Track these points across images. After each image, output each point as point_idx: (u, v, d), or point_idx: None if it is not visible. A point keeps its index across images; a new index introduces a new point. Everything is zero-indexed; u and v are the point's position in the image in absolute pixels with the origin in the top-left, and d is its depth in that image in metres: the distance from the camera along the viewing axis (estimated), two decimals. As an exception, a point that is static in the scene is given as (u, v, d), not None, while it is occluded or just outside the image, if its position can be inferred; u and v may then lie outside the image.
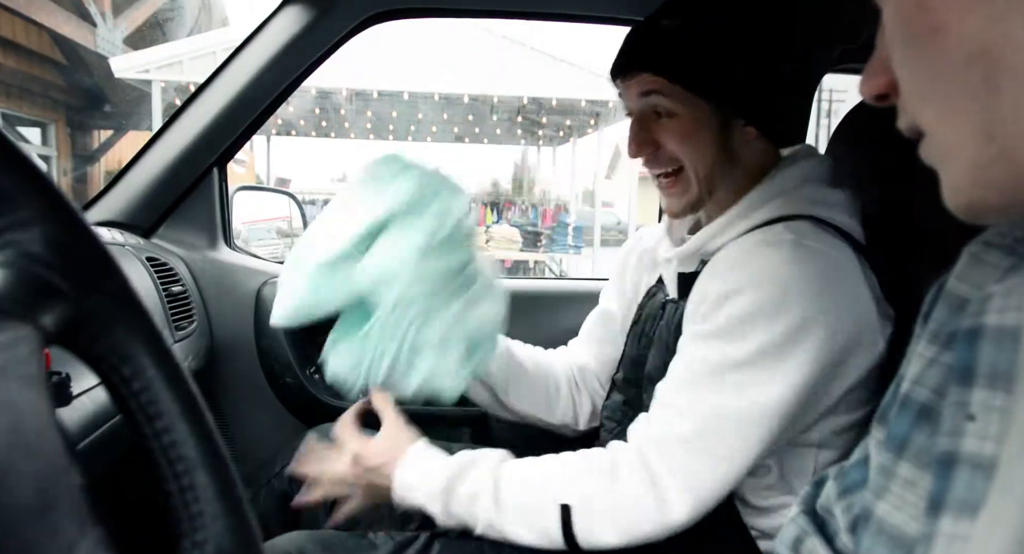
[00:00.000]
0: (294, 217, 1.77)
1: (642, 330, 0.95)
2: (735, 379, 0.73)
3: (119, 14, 9.52)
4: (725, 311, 0.75)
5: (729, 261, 0.78)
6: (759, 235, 0.78)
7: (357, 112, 11.13)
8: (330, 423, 1.19)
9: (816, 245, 0.76)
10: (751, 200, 0.82)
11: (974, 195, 0.30)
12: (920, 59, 0.31)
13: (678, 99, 0.80)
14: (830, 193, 0.83)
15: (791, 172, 0.83)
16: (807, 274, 0.73)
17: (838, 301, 0.74)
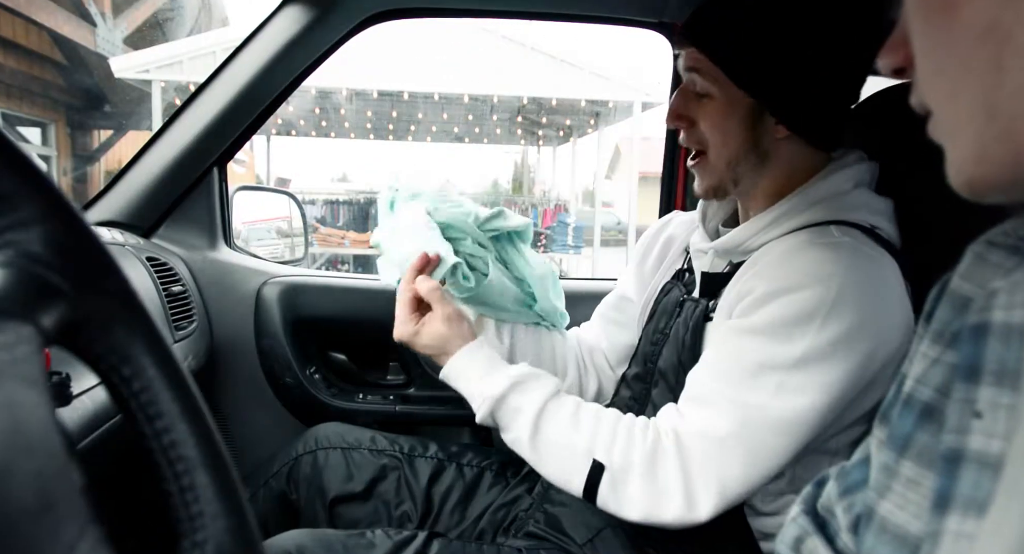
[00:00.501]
0: (294, 217, 1.77)
1: (655, 326, 0.95)
2: (776, 380, 0.72)
3: (119, 14, 9.51)
4: (772, 309, 0.73)
5: (779, 258, 0.77)
6: (811, 235, 0.77)
7: (357, 112, 11.13)
8: (330, 423, 1.20)
9: (871, 251, 0.75)
10: (799, 200, 0.81)
11: (976, 172, 0.31)
12: (933, 34, 0.32)
13: (714, 81, 0.81)
14: (878, 200, 0.82)
15: (843, 175, 0.82)
16: (860, 280, 0.72)
17: (886, 312, 0.73)
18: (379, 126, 12.56)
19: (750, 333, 0.74)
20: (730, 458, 0.72)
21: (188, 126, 1.34)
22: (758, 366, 0.73)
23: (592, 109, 10.04)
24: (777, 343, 0.72)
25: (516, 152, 16.67)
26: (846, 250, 0.74)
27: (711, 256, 0.89)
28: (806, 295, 0.72)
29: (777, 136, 0.82)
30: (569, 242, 9.20)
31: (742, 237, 0.84)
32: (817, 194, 0.81)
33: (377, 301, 1.49)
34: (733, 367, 0.74)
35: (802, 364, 0.71)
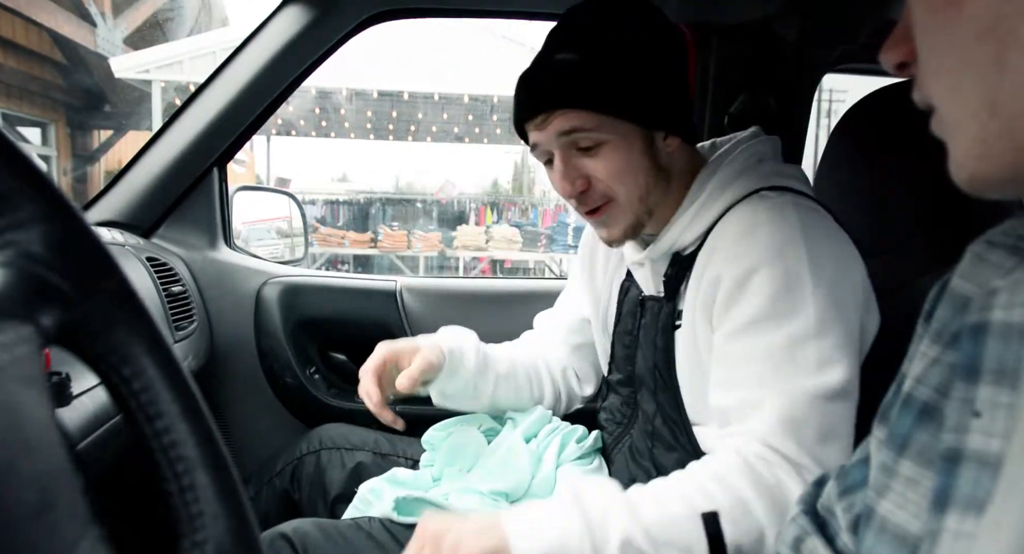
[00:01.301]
0: (294, 217, 1.77)
1: (624, 328, 0.95)
2: (812, 354, 0.69)
3: (119, 14, 9.51)
4: (757, 291, 0.72)
5: (732, 238, 0.76)
6: (749, 206, 0.77)
7: (357, 112, 11.13)
8: (333, 424, 1.20)
9: (809, 203, 0.76)
10: (715, 183, 0.82)
11: (977, 168, 0.31)
12: (937, 30, 0.32)
13: (602, 128, 0.78)
14: (788, 168, 0.84)
15: (745, 152, 0.83)
16: (817, 229, 0.73)
17: (852, 255, 0.75)
18: (379, 126, 12.55)
19: (753, 325, 0.72)
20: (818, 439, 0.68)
21: (188, 126, 1.34)
22: (786, 350, 0.70)
23: (592, 109, 10.01)
24: (786, 320, 0.70)
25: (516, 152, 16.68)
26: (790, 208, 0.74)
27: (648, 266, 0.89)
28: (784, 262, 0.71)
29: (668, 150, 0.82)
30: (569, 242, 9.19)
31: (673, 237, 0.84)
32: (729, 173, 0.82)
33: (377, 301, 1.49)
34: (763, 364, 0.71)
35: (823, 327, 0.70)
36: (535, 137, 0.83)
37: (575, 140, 0.79)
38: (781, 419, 0.69)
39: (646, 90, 0.79)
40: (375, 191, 11.67)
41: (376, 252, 9.10)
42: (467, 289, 1.54)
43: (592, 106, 0.78)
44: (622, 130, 0.79)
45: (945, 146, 0.33)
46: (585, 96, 0.78)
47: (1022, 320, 0.33)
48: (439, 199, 11.20)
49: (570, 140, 0.80)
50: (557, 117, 0.79)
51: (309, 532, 0.84)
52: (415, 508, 0.89)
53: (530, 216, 10.78)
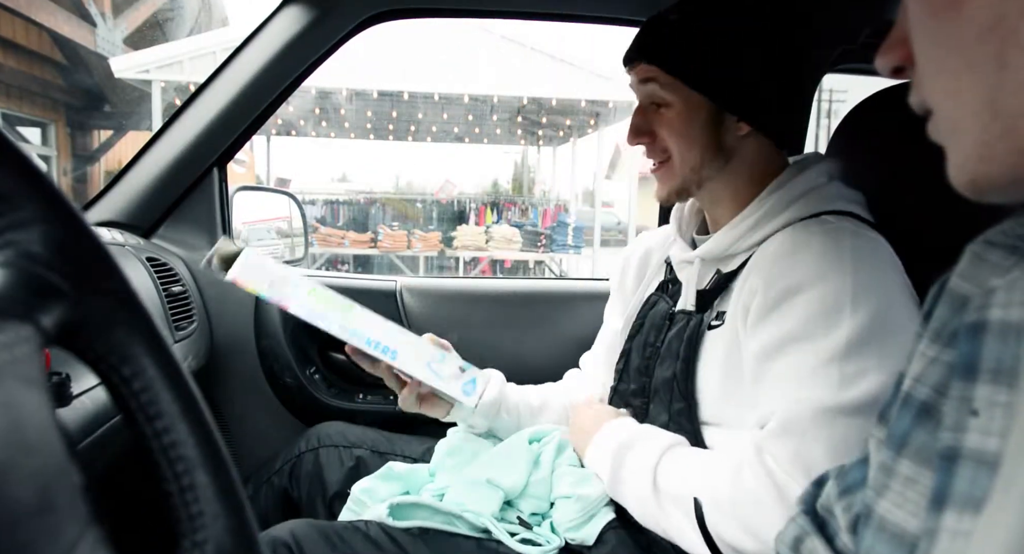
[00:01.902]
0: (294, 217, 1.77)
1: (645, 340, 0.94)
2: (836, 374, 0.70)
3: (119, 14, 9.51)
4: (798, 308, 0.72)
5: (783, 254, 0.76)
6: (806, 227, 0.77)
7: (357, 112, 11.13)
8: (332, 422, 1.20)
9: (868, 233, 0.76)
10: (778, 198, 0.82)
11: (978, 171, 0.31)
12: (936, 31, 0.31)
13: (671, 89, 0.82)
14: (852, 192, 0.83)
15: (816, 170, 0.83)
16: (870, 260, 0.73)
17: (900, 287, 0.74)
18: (379, 126, 12.55)
19: (786, 343, 0.73)
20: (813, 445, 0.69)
21: (188, 126, 1.34)
22: (811, 368, 0.71)
23: (592, 109, 10.03)
24: (818, 339, 0.71)
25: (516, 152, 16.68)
26: (847, 234, 0.74)
27: (697, 265, 0.88)
28: (826, 287, 0.71)
29: (739, 134, 0.83)
30: (569, 242, 9.19)
31: (727, 241, 0.84)
32: (795, 191, 0.82)
33: (377, 301, 1.49)
34: (789, 381, 0.72)
35: (852, 349, 0.70)
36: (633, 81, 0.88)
37: (651, 92, 0.84)
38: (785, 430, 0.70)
39: (723, 68, 0.80)
40: (375, 191, 11.66)
41: (376, 252, 9.11)
42: (467, 289, 1.54)
43: (664, 65, 0.82)
44: (691, 98, 0.82)
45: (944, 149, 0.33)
46: (661, 55, 0.82)
47: (1020, 319, 0.33)
48: (439, 199, 11.21)
49: (647, 91, 0.85)
50: (641, 65, 0.84)
51: (307, 535, 0.83)
52: (410, 512, 0.89)
53: (530, 216, 10.79)
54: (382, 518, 0.87)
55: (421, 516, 0.88)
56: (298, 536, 0.83)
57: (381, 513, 0.88)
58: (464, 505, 0.89)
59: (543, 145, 14.31)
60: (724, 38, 0.80)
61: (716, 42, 0.80)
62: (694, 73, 0.81)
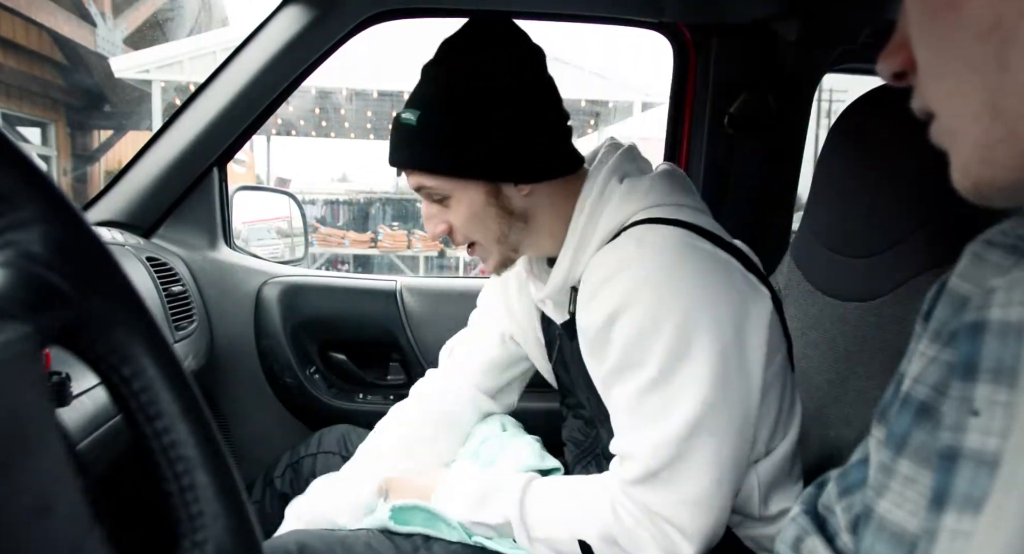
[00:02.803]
0: (294, 217, 1.77)
1: (558, 357, 0.96)
2: (659, 402, 0.73)
3: (119, 14, 9.51)
4: (616, 340, 0.74)
5: (590, 289, 0.78)
6: (605, 256, 0.78)
7: (357, 112, 11.12)
8: (335, 426, 1.20)
9: (658, 239, 0.76)
10: (584, 221, 0.82)
11: (981, 174, 0.31)
12: (936, 34, 0.31)
13: (442, 186, 0.81)
14: (641, 183, 0.82)
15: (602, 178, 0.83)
16: (663, 273, 0.73)
17: (705, 280, 0.74)
18: (379, 126, 12.55)
19: (616, 375, 0.76)
20: (670, 487, 0.72)
21: (188, 126, 1.34)
22: (637, 399, 0.74)
23: (592, 109, 10.03)
24: (636, 369, 0.73)
25: (516, 152, 16.68)
26: (634, 253, 0.75)
27: (550, 304, 0.90)
28: (629, 314, 0.73)
29: (523, 194, 0.83)
30: (569, 242, 9.18)
31: (561, 275, 0.84)
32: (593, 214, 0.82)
33: (377, 301, 1.49)
34: (623, 414, 0.76)
35: (668, 373, 0.72)
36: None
37: (427, 192, 0.84)
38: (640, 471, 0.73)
39: (479, 148, 0.79)
40: (375, 191, 11.66)
41: (376, 252, 9.10)
42: (467, 289, 1.54)
43: (424, 169, 0.81)
44: (462, 185, 0.81)
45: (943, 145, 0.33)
46: (418, 160, 0.81)
47: (1020, 319, 0.33)
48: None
49: (423, 193, 0.84)
50: (408, 172, 0.84)
51: (310, 543, 0.83)
52: (410, 516, 0.89)
53: (530, 216, 10.78)
54: (384, 522, 0.87)
55: (421, 519, 0.88)
56: (300, 543, 0.83)
57: (383, 517, 0.88)
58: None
59: (543, 145, 14.27)
60: (465, 119, 0.79)
61: (459, 127, 0.79)
62: (451, 167, 0.80)
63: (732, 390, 0.73)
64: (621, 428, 0.77)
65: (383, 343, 1.50)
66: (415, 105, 0.81)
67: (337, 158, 29.24)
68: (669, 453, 0.72)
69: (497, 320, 1.05)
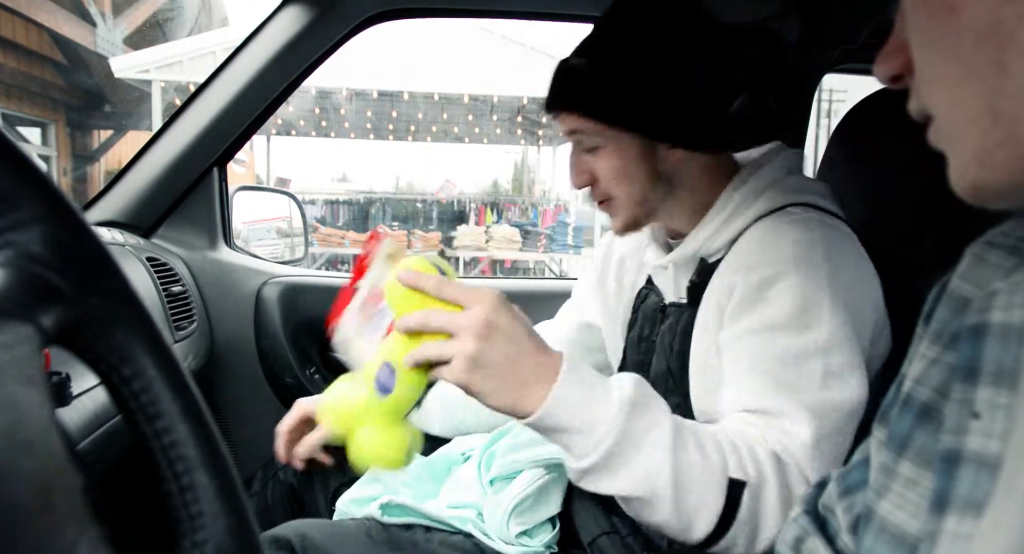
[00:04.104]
0: (294, 217, 1.77)
1: (639, 334, 0.94)
2: (819, 368, 0.69)
3: (119, 14, 9.51)
4: (776, 301, 0.72)
5: (756, 248, 0.77)
6: (777, 220, 0.78)
7: (357, 112, 11.13)
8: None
9: (832, 222, 0.77)
10: (742, 195, 0.82)
11: (980, 177, 0.31)
12: (934, 38, 0.31)
13: (598, 134, 0.81)
14: (814, 182, 0.84)
15: (775, 165, 0.83)
16: (841, 251, 0.74)
17: (869, 277, 0.76)
18: (379, 126, 12.55)
19: (767, 331, 0.72)
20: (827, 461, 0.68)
21: (188, 126, 1.34)
22: (794, 359, 0.70)
23: (592, 109, 10.02)
24: (800, 333, 0.70)
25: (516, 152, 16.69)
26: (816, 224, 0.75)
27: (671, 270, 0.88)
28: (802, 278, 0.72)
29: (674, 158, 0.82)
30: (569, 242, 9.19)
31: (697, 243, 0.83)
32: (756, 187, 0.82)
33: (377, 301, 1.48)
34: (771, 375, 0.70)
35: (834, 345, 0.70)
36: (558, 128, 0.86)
37: (579, 140, 0.83)
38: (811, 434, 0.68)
39: (645, 102, 0.79)
40: (375, 191, 11.66)
41: (376, 252, 9.08)
42: (467, 289, 1.54)
43: (586, 112, 0.80)
44: (618, 137, 0.80)
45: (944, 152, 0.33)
46: (580, 103, 0.80)
47: (1021, 322, 0.33)
48: (439, 199, 11.20)
49: (575, 139, 0.84)
50: (562, 117, 0.83)
51: (308, 533, 0.84)
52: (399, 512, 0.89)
53: (530, 216, 10.78)
54: (375, 516, 0.88)
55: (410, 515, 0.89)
56: (300, 534, 0.84)
57: (374, 511, 0.88)
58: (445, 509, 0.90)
59: (543, 145, 14.31)
60: (635, 71, 0.78)
61: (628, 77, 0.78)
62: (614, 114, 0.80)
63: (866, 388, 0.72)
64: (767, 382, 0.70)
65: (383, 343, 1.50)
66: (584, 53, 0.81)
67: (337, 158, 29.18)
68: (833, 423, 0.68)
69: (581, 307, 1.06)
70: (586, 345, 1.08)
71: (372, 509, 0.89)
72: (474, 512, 0.91)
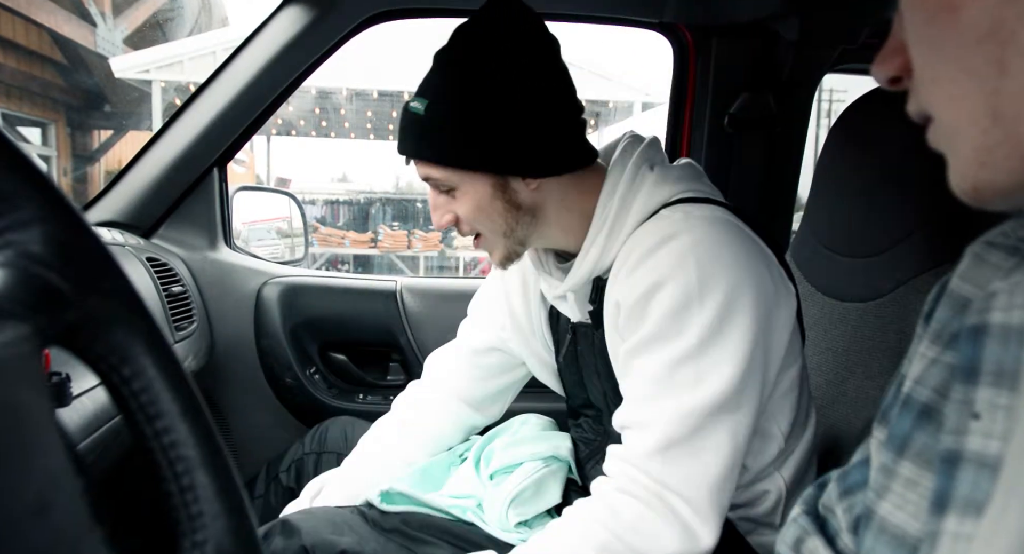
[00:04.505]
0: (294, 217, 1.77)
1: (567, 357, 0.94)
2: (688, 373, 0.71)
3: (119, 14, 9.51)
4: (653, 312, 0.73)
5: (633, 264, 0.76)
6: (648, 227, 0.77)
7: (357, 112, 11.13)
8: (337, 418, 1.21)
9: (702, 213, 0.75)
10: (617, 206, 0.80)
11: (980, 178, 0.31)
12: (934, 38, 0.31)
13: (450, 177, 0.80)
14: (678, 169, 0.83)
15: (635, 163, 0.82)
16: (710, 244, 0.73)
17: (748, 260, 0.74)
18: (379, 126, 12.55)
19: (644, 346, 0.74)
20: (684, 461, 0.71)
21: (188, 126, 1.34)
22: (667, 369, 0.72)
23: (592, 109, 10.03)
24: (671, 340, 0.72)
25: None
26: (681, 226, 0.74)
27: (571, 299, 0.87)
28: (671, 286, 0.72)
29: (531, 188, 0.81)
30: (569, 242, 9.19)
31: (590, 264, 0.82)
32: (629, 189, 0.81)
33: (377, 301, 1.49)
34: (647, 383, 0.73)
35: (704, 346, 0.71)
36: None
37: (435, 183, 0.82)
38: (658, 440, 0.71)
39: (485, 141, 0.78)
40: (375, 191, 11.66)
41: (376, 252, 9.11)
42: (467, 289, 1.54)
43: (432, 159, 0.80)
44: (469, 177, 0.80)
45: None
46: (424, 151, 0.80)
47: (1021, 322, 0.32)
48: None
49: (431, 183, 0.83)
50: (415, 163, 0.82)
51: (304, 517, 0.86)
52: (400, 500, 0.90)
53: (530, 216, 10.77)
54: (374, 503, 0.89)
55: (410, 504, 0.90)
56: (298, 517, 0.86)
57: (373, 499, 0.89)
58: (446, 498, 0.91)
59: (543, 145, 14.28)
60: (472, 112, 0.77)
61: (466, 120, 0.77)
62: (457, 159, 0.79)
63: (756, 374, 0.73)
64: (639, 398, 0.75)
65: (383, 343, 1.50)
66: (424, 94, 0.79)
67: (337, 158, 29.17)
68: (692, 424, 0.70)
69: (489, 327, 1.03)
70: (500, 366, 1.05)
71: (371, 496, 0.90)
72: (474, 502, 0.92)
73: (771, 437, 0.80)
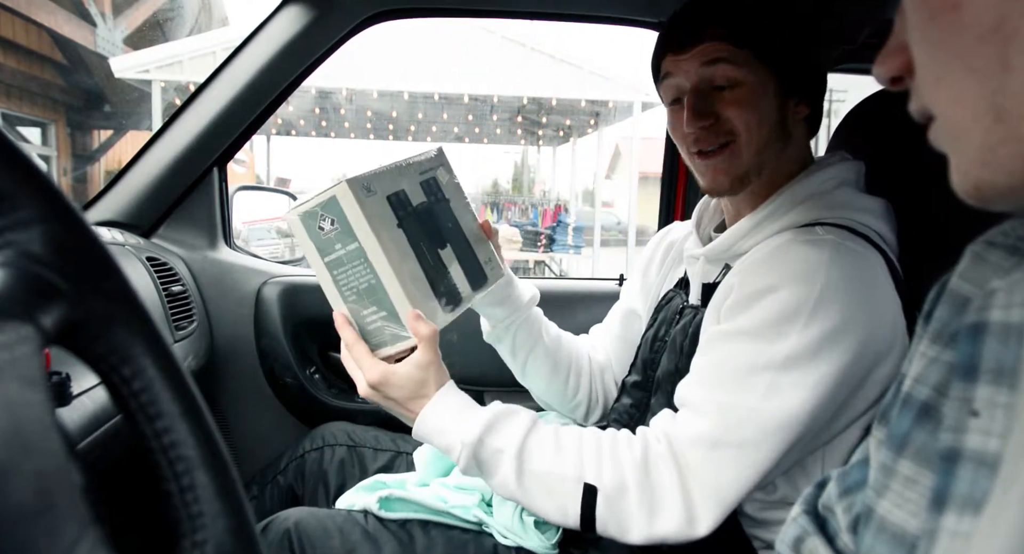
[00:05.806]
0: (294, 217, 1.77)
1: (655, 334, 0.94)
2: (766, 380, 0.70)
3: (119, 14, 9.51)
4: (759, 309, 0.72)
5: (763, 258, 0.76)
6: (794, 234, 0.76)
7: (357, 112, 11.13)
8: (335, 422, 1.21)
9: (856, 247, 0.74)
10: (784, 200, 0.81)
11: (982, 177, 0.31)
12: (936, 36, 0.31)
13: (745, 67, 0.79)
14: (864, 199, 0.82)
15: (825, 174, 0.82)
16: (845, 277, 0.71)
17: (874, 308, 0.72)
18: (379, 126, 12.56)
19: (737, 335, 0.74)
20: (725, 464, 0.71)
21: (188, 126, 1.34)
22: (748, 368, 0.71)
23: (592, 109, 10.04)
24: (764, 343, 0.71)
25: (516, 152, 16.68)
26: (829, 247, 0.73)
27: (702, 262, 0.89)
28: (789, 293, 0.71)
29: (797, 117, 0.83)
30: (569, 242, 9.20)
31: (730, 241, 0.84)
32: (800, 194, 0.81)
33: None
34: (723, 371, 0.73)
35: (791, 363, 0.70)
36: (673, 68, 0.83)
37: (714, 74, 0.80)
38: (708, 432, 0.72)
39: (796, 47, 0.81)
40: (375, 191, 11.65)
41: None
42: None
43: (741, 43, 0.79)
44: (762, 76, 0.79)
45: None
46: (739, 31, 0.79)
47: (1020, 320, 0.32)
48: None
49: (710, 72, 0.80)
50: (706, 45, 0.79)
51: (304, 520, 0.85)
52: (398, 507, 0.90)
53: (530, 216, 10.79)
54: (373, 510, 0.88)
55: (409, 510, 0.89)
56: (298, 524, 0.85)
57: (372, 505, 0.89)
58: (447, 501, 0.90)
59: (543, 145, 14.31)
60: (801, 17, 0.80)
61: (794, 21, 0.80)
62: (776, 52, 0.79)
63: (828, 414, 0.72)
64: (709, 382, 0.74)
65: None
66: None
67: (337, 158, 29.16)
68: (747, 433, 0.70)
69: (627, 296, 1.09)
70: (621, 336, 1.10)
71: (370, 503, 0.89)
72: (478, 496, 0.91)
73: (813, 478, 0.78)
